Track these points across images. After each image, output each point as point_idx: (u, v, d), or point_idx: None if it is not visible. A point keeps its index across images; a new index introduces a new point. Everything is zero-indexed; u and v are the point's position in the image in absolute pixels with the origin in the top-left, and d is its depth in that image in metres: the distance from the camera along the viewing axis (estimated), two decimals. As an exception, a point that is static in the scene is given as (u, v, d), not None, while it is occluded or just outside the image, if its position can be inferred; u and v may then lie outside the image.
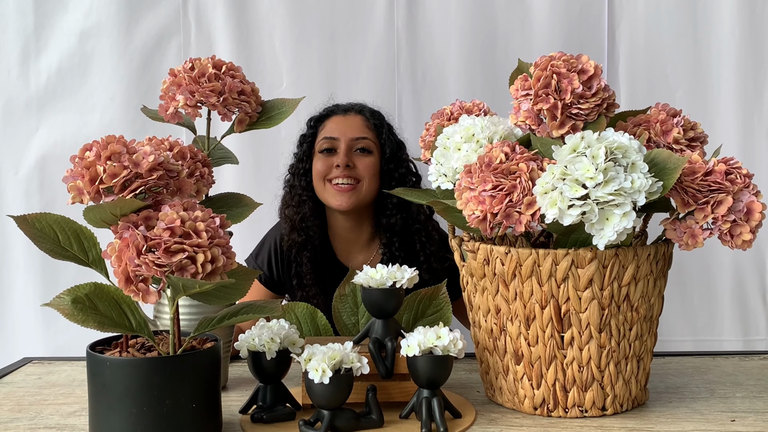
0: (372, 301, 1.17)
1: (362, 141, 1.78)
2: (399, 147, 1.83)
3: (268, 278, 1.85)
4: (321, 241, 1.83)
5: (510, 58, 2.17)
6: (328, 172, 1.76)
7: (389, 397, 1.15)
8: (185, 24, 2.20)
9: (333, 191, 1.75)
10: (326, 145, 1.78)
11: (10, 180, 2.23)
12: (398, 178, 1.80)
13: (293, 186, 1.83)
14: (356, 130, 1.79)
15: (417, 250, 1.79)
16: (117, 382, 0.96)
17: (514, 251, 1.10)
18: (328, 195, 1.76)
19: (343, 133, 1.78)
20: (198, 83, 1.18)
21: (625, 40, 2.19)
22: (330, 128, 1.80)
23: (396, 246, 1.78)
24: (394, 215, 1.79)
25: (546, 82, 1.11)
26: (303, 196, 1.81)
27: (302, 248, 1.80)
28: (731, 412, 1.15)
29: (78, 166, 0.95)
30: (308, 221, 1.79)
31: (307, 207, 1.80)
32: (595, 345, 1.10)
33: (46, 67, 2.20)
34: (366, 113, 1.83)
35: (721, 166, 1.06)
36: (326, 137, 1.78)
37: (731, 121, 2.17)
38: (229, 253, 0.94)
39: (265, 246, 1.88)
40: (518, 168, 1.05)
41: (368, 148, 1.78)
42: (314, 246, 1.81)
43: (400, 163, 1.82)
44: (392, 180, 1.79)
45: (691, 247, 1.06)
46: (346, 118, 1.81)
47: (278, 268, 1.84)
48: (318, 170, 1.77)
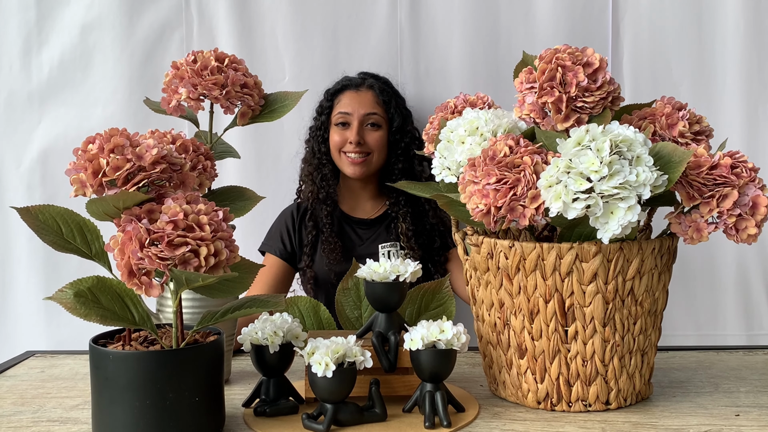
0: (375, 295, 1.17)
1: (372, 116, 2.00)
2: (405, 119, 2.05)
3: (283, 251, 2.02)
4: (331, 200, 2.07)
5: (513, 51, 2.16)
6: (342, 145, 1.99)
7: (392, 390, 1.15)
8: (187, 17, 2.20)
9: (347, 161, 1.99)
10: (341, 120, 2.00)
11: (13, 173, 2.22)
12: (404, 147, 2.03)
13: (314, 150, 2.05)
14: (367, 106, 2.00)
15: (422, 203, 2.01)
16: (120, 376, 0.96)
17: (518, 245, 1.10)
18: (343, 164, 2.00)
19: (355, 109, 1.99)
20: (200, 76, 1.18)
21: (629, 33, 2.18)
22: (344, 103, 2.01)
23: (402, 203, 2.00)
24: (398, 179, 2.00)
25: (551, 75, 1.11)
26: (323, 160, 2.04)
27: (322, 202, 2.02)
28: (735, 407, 1.14)
29: (81, 158, 0.95)
30: (329, 180, 2.03)
31: (326, 169, 2.04)
32: (599, 339, 1.10)
33: (48, 60, 2.20)
34: (376, 89, 2.03)
35: (727, 160, 1.05)
36: (341, 112, 2.00)
37: (736, 114, 2.15)
38: (232, 247, 0.94)
39: (276, 225, 2.07)
40: (522, 161, 1.04)
41: (378, 122, 2.00)
42: (333, 201, 2.03)
43: (405, 133, 2.04)
44: (398, 149, 2.03)
45: (696, 241, 1.06)
46: (359, 94, 2.02)
47: (291, 238, 2.03)
48: (335, 141, 2.00)
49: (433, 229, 2.01)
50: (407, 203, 2.01)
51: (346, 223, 2.05)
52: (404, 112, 2.06)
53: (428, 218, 2.01)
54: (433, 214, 2.01)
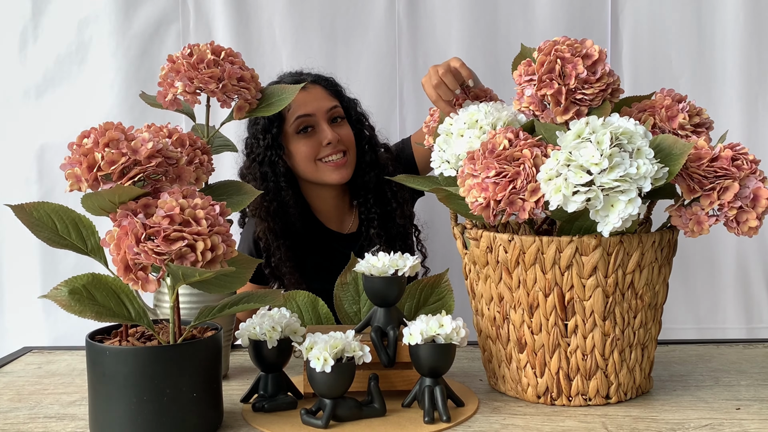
0: (374, 290, 1.16)
1: (335, 110, 1.77)
2: (356, 105, 1.86)
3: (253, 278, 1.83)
4: (304, 217, 1.82)
5: (512, 44, 2.15)
6: (316, 152, 1.74)
7: (391, 385, 1.15)
8: (184, 10, 2.19)
9: (329, 168, 1.74)
10: (303, 124, 1.74)
11: (9, 168, 2.22)
12: (368, 136, 1.84)
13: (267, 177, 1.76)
14: (325, 101, 1.77)
15: (389, 199, 1.83)
16: (117, 372, 0.96)
17: (518, 239, 1.09)
18: (323, 173, 1.75)
19: (316, 107, 1.74)
20: (197, 69, 1.17)
21: (628, 25, 2.17)
22: (299, 106, 1.73)
23: (371, 203, 1.81)
24: (367, 173, 1.82)
25: (550, 67, 1.10)
26: (281, 184, 1.76)
27: (279, 237, 1.75)
28: (736, 400, 1.14)
29: (76, 153, 0.94)
30: (288, 207, 1.76)
31: (285, 194, 1.76)
32: (599, 333, 1.09)
33: (44, 54, 2.19)
34: (322, 82, 1.81)
35: (728, 152, 1.04)
36: (300, 116, 1.73)
37: (736, 106, 2.15)
38: (229, 241, 0.93)
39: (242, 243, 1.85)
40: (522, 154, 1.04)
41: (341, 115, 1.79)
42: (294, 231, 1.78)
43: (363, 121, 1.85)
44: (362, 139, 1.82)
45: (697, 234, 1.05)
46: (309, 93, 1.76)
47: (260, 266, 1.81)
48: (304, 153, 1.74)
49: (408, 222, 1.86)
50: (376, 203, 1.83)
51: (334, 240, 1.85)
52: (353, 99, 1.86)
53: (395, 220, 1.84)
54: (400, 214, 1.84)
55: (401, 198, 1.86)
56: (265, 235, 1.75)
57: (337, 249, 1.83)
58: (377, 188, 1.85)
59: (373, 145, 1.85)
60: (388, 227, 1.83)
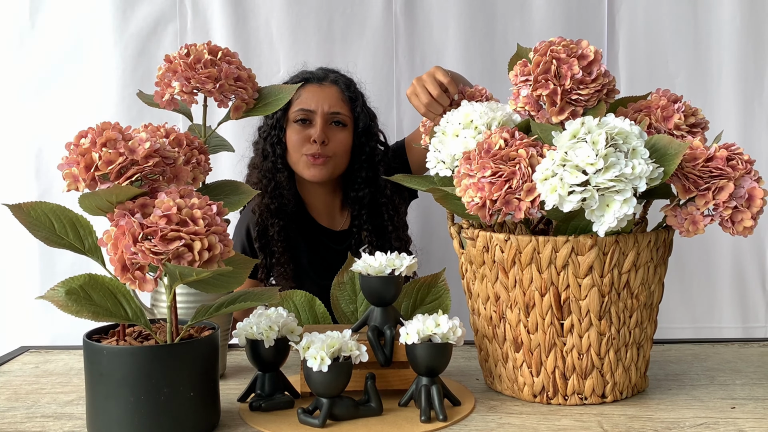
0: (371, 289, 1.16)
1: (338, 115, 1.79)
2: (371, 119, 1.85)
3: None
4: (297, 208, 1.85)
5: (509, 43, 2.16)
6: (302, 144, 1.77)
7: (388, 385, 1.15)
8: (181, 10, 2.19)
9: (307, 162, 1.77)
10: (301, 116, 1.78)
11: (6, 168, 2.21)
12: (369, 152, 1.83)
13: (266, 153, 1.82)
14: (332, 103, 1.79)
15: (385, 221, 1.83)
16: (114, 371, 0.96)
17: (514, 238, 1.09)
18: (302, 166, 1.78)
19: (319, 105, 1.78)
20: (194, 69, 1.17)
21: (624, 25, 2.17)
22: (305, 98, 1.79)
23: (364, 219, 1.82)
24: (362, 189, 1.82)
25: (545, 67, 1.10)
26: (278, 164, 1.80)
27: (273, 215, 1.79)
28: (731, 399, 1.14)
29: (73, 153, 0.94)
30: (283, 188, 1.80)
31: (282, 176, 1.80)
32: (594, 332, 1.10)
33: (40, 53, 2.18)
34: (341, 84, 1.82)
35: (723, 152, 1.05)
36: (302, 108, 1.78)
37: (731, 107, 2.16)
38: (226, 241, 0.94)
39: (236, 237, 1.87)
40: (518, 154, 1.04)
41: (343, 121, 1.80)
42: (287, 214, 1.81)
43: (371, 136, 1.84)
44: (363, 154, 1.82)
45: (692, 233, 1.06)
46: (322, 89, 1.80)
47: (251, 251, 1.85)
48: (293, 141, 1.78)
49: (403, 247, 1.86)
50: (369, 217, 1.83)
51: (322, 235, 1.86)
52: (370, 113, 1.87)
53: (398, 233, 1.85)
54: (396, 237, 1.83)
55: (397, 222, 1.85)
56: (261, 209, 1.79)
57: (326, 244, 1.85)
58: (372, 205, 1.85)
59: (374, 164, 1.84)
60: (382, 244, 1.84)
